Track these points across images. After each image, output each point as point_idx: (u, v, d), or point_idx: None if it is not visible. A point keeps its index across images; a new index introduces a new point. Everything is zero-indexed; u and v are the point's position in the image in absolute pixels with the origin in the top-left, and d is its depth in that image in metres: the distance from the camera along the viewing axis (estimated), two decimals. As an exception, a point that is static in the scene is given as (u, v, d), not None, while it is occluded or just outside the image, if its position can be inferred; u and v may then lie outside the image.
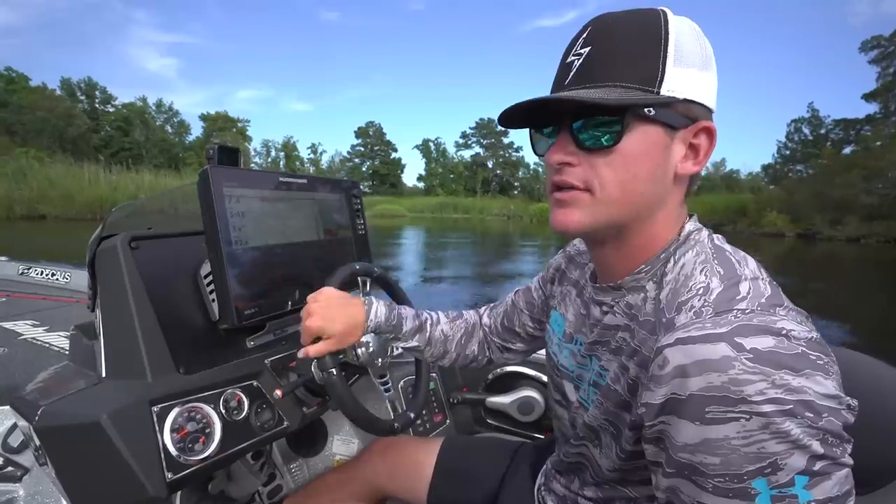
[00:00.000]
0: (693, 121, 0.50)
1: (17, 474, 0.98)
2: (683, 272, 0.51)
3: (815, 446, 0.37)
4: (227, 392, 0.78)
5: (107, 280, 0.77)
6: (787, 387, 0.37)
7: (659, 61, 0.48)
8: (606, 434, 0.57)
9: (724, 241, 0.55)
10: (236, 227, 0.78)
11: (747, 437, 0.37)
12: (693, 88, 0.49)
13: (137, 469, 0.63)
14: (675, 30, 0.49)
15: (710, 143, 0.51)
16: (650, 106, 0.48)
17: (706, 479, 0.40)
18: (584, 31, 0.52)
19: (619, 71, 0.49)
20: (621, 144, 0.49)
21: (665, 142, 0.50)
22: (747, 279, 0.47)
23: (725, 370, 0.38)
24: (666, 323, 0.48)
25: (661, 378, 0.42)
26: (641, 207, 0.53)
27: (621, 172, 0.50)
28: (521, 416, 1.33)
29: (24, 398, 0.72)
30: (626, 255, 0.56)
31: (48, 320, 1.58)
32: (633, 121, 0.49)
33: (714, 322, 0.42)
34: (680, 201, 0.55)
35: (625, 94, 0.48)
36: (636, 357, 0.52)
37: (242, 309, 0.78)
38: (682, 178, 0.53)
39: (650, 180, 0.51)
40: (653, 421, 0.44)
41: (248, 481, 1.01)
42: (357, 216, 1.09)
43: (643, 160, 0.50)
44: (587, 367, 0.62)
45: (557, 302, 0.74)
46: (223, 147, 0.86)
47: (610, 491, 0.62)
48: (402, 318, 0.81)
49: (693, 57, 0.49)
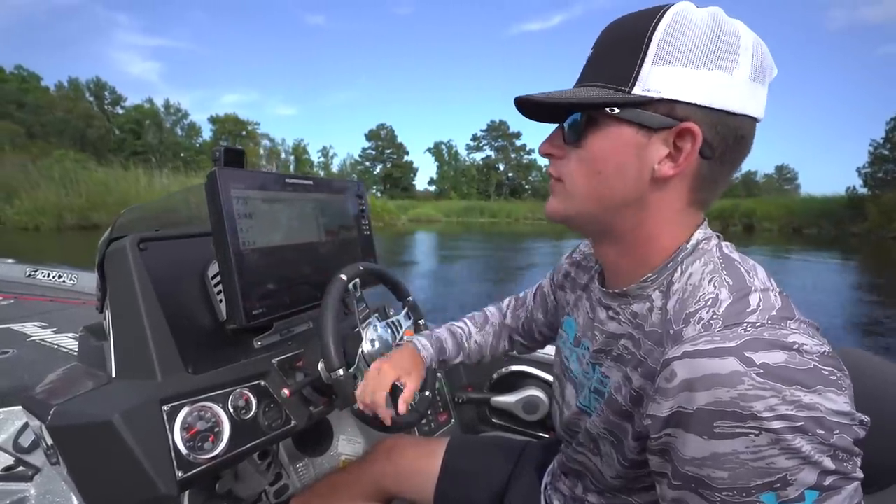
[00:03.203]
0: (680, 121, 0.47)
1: (29, 474, 0.99)
2: (691, 282, 0.50)
3: (825, 462, 0.36)
4: (235, 391, 0.78)
5: (116, 281, 0.78)
6: (798, 403, 0.36)
7: (636, 60, 0.47)
8: (606, 443, 0.57)
9: (734, 249, 0.53)
10: (244, 228, 0.79)
11: (756, 453, 0.37)
12: (680, 88, 0.46)
13: (149, 467, 0.64)
14: (666, 25, 0.46)
15: (692, 145, 0.47)
16: (612, 105, 0.48)
17: (713, 493, 0.39)
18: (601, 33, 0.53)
19: (601, 72, 0.50)
20: (586, 141, 0.51)
21: (637, 141, 0.48)
22: (757, 290, 0.46)
23: (734, 385, 0.37)
24: (674, 335, 0.47)
25: (667, 391, 0.42)
26: (612, 205, 0.52)
27: (585, 168, 0.52)
28: (525, 416, 1.33)
29: (35, 398, 0.73)
30: (630, 260, 0.56)
31: (56, 322, 1.59)
32: (597, 118, 0.49)
33: (723, 335, 0.41)
34: (676, 206, 0.52)
35: (589, 93, 0.49)
36: (641, 368, 0.52)
37: (250, 309, 0.79)
38: (666, 180, 0.49)
39: (617, 178, 0.50)
40: (658, 433, 0.43)
41: (255, 480, 1.02)
42: (362, 217, 1.10)
43: (609, 159, 0.50)
44: (589, 374, 0.62)
45: (571, 308, 0.74)
46: (229, 149, 0.86)
47: (613, 499, 0.61)
48: (442, 342, 0.88)
49: (691, 54, 0.45)
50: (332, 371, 0.74)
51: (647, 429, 0.45)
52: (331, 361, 0.74)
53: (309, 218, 0.95)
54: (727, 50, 0.46)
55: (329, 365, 0.74)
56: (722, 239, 0.55)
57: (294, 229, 0.91)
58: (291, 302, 0.88)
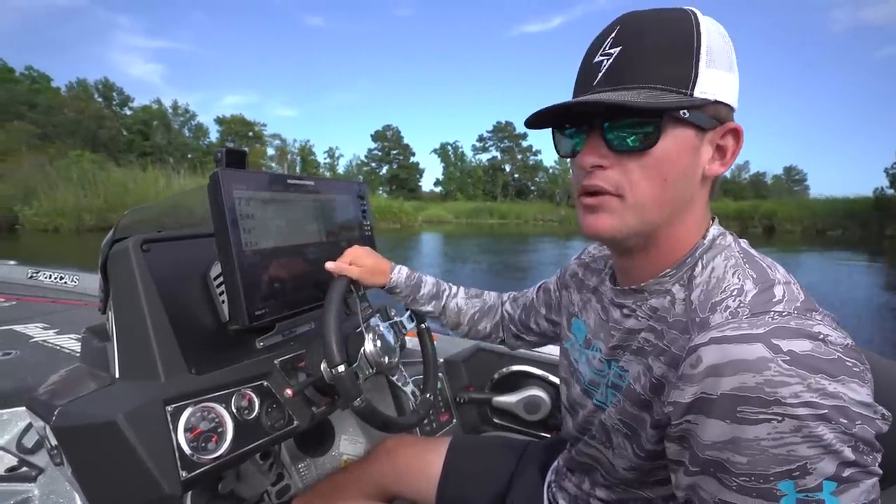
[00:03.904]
0: (721, 122, 0.51)
1: (32, 474, 0.99)
2: (714, 275, 0.51)
3: (846, 453, 0.36)
4: (237, 392, 0.79)
5: (119, 282, 0.78)
6: (822, 391, 0.37)
7: (692, 62, 0.48)
8: (619, 434, 0.57)
9: (750, 245, 0.55)
10: (246, 229, 0.79)
11: (778, 439, 0.37)
12: (722, 90, 0.49)
13: (153, 468, 0.64)
14: (706, 31, 0.49)
15: (736, 143, 0.52)
16: (685, 108, 0.48)
17: (731, 478, 0.39)
18: (613, 30, 0.51)
19: (652, 72, 0.49)
20: (656, 147, 0.49)
21: (695, 143, 0.51)
22: (780, 283, 0.47)
23: (761, 371, 0.38)
24: (700, 322, 0.48)
25: (692, 377, 0.42)
26: (672, 211, 0.52)
27: (653, 175, 0.50)
28: (527, 416, 1.34)
29: (38, 399, 0.74)
30: (652, 260, 0.56)
31: (58, 323, 1.60)
32: (667, 123, 0.49)
33: (751, 323, 0.42)
34: (706, 203, 0.55)
35: (657, 96, 0.48)
36: (664, 357, 0.52)
37: (252, 310, 0.79)
38: (709, 179, 0.53)
39: (681, 183, 0.51)
40: (679, 420, 0.44)
41: (257, 481, 1.02)
42: (364, 217, 1.10)
43: (675, 163, 0.50)
44: (603, 372, 0.62)
45: (579, 310, 0.74)
46: (231, 150, 0.86)
47: (623, 493, 0.62)
48: (421, 282, 0.92)
49: (722, 58, 0.49)
50: (333, 367, 0.74)
51: (667, 416, 0.45)
52: (332, 358, 0.74)
53: (311, 218, 0.95)
54: (732, 53, 0.51)
55: (331, 361, 0.74)
56: (737, 236, 0.56)
57: (296, 230, 0.91)
58: (294, 302, 0.88)
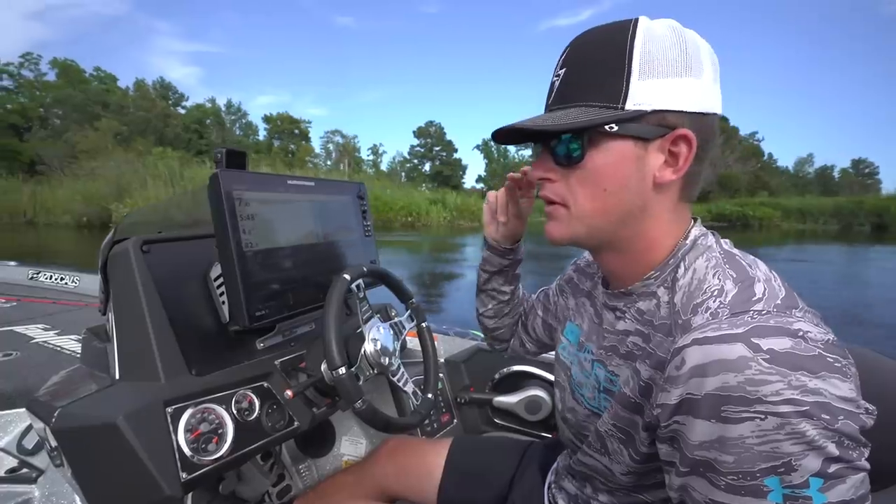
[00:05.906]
0: (671, 129, 0.50)
1: (33, 476, 0.99)
2: (696, 277, 0.52)
3: (830, 448, 0.37)
4: (238, 393, 0.78)
5: (119, 283, 0.78)
6: (803, 388, 0.37)
7: (623, 78, 0.49)
8: (614, 440, 0.58)
9: (732, 245, 0.56)
10: (246, 229, 0.79)
11: (762, 437, 0.38)
12: (666, 98, 0.49)
13: (153, 469, 0.64)
14: (642, 41, 0.49)
15: (689, 149, 0.50)
16: (611, 123, 0.50)
17: (720, 477, 0.40)
18: (565, 51, 0.54)
19: (586, 91, 0.51)
20: (587, 161, 0.52)
21: (636, 153, 0.51)
22: (761, 280, 0.48)
23: (742, 370, 0.39)
24: (682, 324, 0.49)
25: (677, 379, 0.43)
26: (619, 217, 0.54)
27: (591, 186, 0.53)
28: (528, 416, 1.33)
29: (39, 400, 0.74)
30: (631, 261, 0.57)
31: (59, 324, 1.60)
32: (596, 137, 0.51)
33: (731, 322, 0.42)
34: (671, 207, 0.55)
35: (589, 113, 0.50)
36: (650, 360, 0.53)
37: (253, 310, 0.79)
38: (665, 185, 0.53)
39: (623, 191, 0.52)
40: (667, 421, 0.44)
41: (258, 482, 1.02)
42: (364, 218, 1.10)
43: (612, 174, 0.52)
44: (591, 374, 0.63)
45: (573, 314, 0.75)
46: (231, 151, 0.86)
47: (624, 497, 0.62)
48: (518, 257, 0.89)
49: (667, 66, 0.49)
50: (334, 369, 0.74)
51: (657, 418, 0.46)
52: (333, 359, 0.74)
53: (311, 219, 0.95)
54: (693, 57, 0.50)
55: (332, 363, 0.74)
56: (720, 236, 0.57)
57: (296, 230, 0.91)
58: (294, 303, 0.88)
